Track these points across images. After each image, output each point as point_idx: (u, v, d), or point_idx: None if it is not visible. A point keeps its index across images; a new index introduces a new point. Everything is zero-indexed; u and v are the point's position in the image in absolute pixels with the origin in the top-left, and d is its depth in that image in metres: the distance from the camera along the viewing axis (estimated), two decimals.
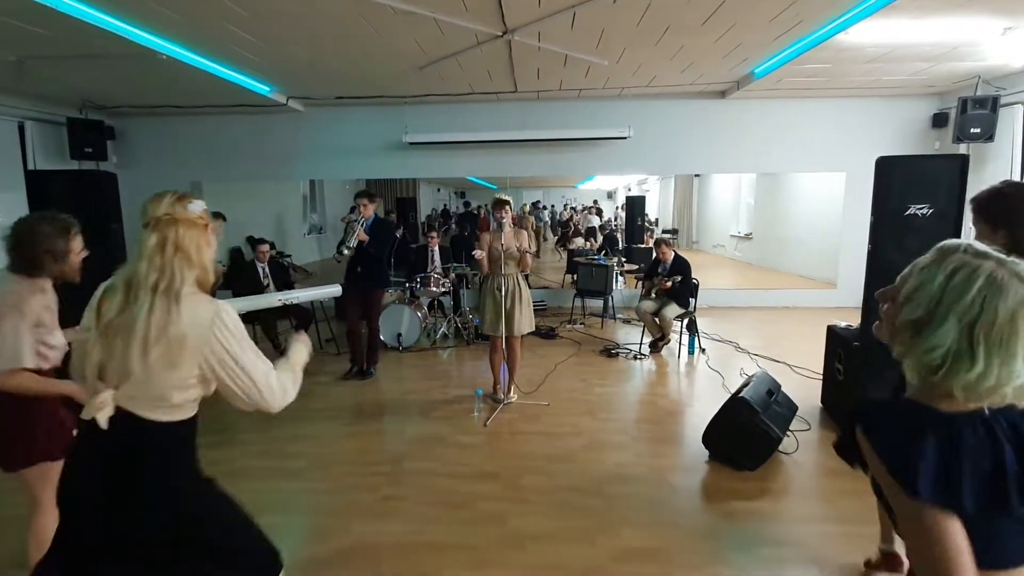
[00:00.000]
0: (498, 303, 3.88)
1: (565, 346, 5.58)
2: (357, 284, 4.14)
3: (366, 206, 3.99)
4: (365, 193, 4.03)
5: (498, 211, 3.77)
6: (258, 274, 5.24)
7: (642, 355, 5.16)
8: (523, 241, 3.80)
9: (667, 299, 5.14)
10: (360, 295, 4.19)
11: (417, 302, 5.61)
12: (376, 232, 4.09)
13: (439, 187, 16.64)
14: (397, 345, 5.38)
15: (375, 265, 4.17)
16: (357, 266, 4.13)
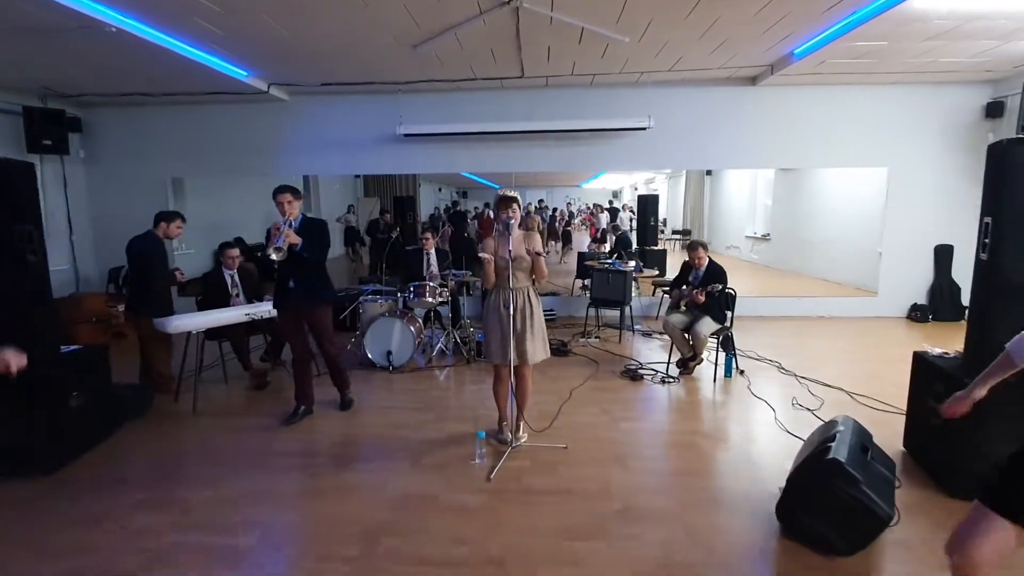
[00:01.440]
0: (505, 324, 3.20)
1: (580, 365, 5.00)
2: (294, 301, 3.52)
3: (290, 202, 3.40)
4: (286, 188, 3.43)
5: (504, 210, 3.14)
6: (225, 283, 4.62)
7: (671, 378, 4.61)
8: (534, 244, 3.20)
9: (699, 312, 4.60)
10: (299, 315, 3.58)
11: (411, 315, 5.03)
12: (308, 233, 3.47)
13: (440, 186, 15.94)
14: (387, 365, 4.79)
15: (314, 275, 3.55)
16: (289, 278, 3.50)
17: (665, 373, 4.72)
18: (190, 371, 4.39)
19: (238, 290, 4.69)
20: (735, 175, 10.52)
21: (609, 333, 6.16)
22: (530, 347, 3.23)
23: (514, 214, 3.16)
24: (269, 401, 4.21)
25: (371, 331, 4.85)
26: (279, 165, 7.04)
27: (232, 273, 4.69)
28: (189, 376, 4.32)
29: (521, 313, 3.22)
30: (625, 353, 5.40)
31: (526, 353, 3.23)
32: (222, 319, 4.17)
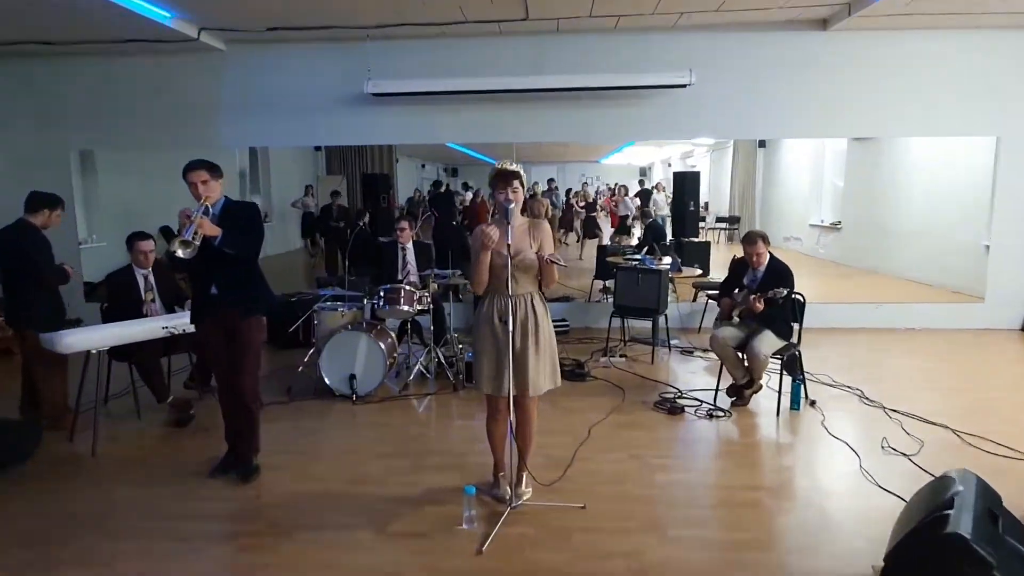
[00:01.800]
0: (502, 343, 3.04)
1: (601, 393, 4.95)
2: (216, 312, 3.39)
3: (205, 182, 3.26)
4: (200, 164, 3.30)
5: (503, 188, 3.00)
6: (136, 286, 4.52)
7: (721, 411, 4.52)
8: (543, 241, 3.06)
9: (757, 325, 4.46)
10: (224, 330, 3.42)
11: (380, 327, 4.98)
12: (232, 221, 3.31)
13: (423, 162, 15.84)
14: (349, 393, 4.73)
15: (242, 276, 3.39)
16: (210, 282, 3.36)
17: (712, 404, 4.64)
18: (91, 402, 4.21)
19: (153, 295, 4.56)
20: (796, 147, 10.34)
21: (638, 350, 6.11)
22: (535, 373, 3.07)
23: (515, 194, 3.02)
24: (193, 443, 4.11)
25: (329, 349, 4.75)
26: (216, 135, 6.93)
27: (146, 273, 4.57)
28: (89, 408, 4.17)
29: (523, 327, 3.07)
30: (660, 377, 5.35)
31: (529, 381, 3.07)
32: (131, 334, 4.04)
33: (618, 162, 15.56)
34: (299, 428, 4.29)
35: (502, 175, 3.03)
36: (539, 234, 3.09)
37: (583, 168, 16.66)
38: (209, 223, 3.19)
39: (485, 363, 3.10)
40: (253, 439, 3.62)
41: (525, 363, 3.06)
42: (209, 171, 3.32)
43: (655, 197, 11.15)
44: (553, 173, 14.44)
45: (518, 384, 3.08)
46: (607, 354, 5.87)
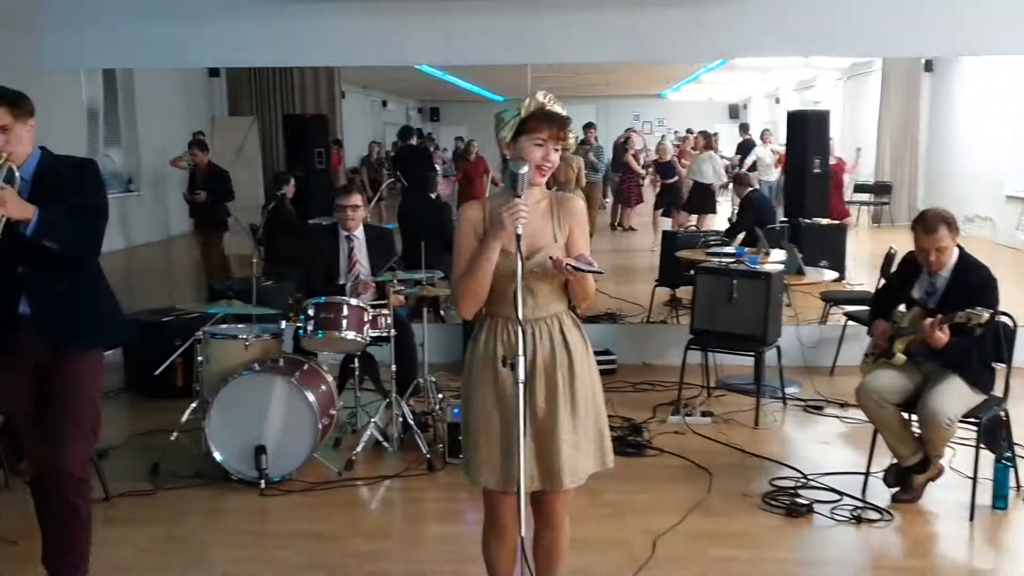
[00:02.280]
0: (509, 404, 2.90)
1: (672, 478, 4.94)
2: (25, 343, 3.41)
3: (6, 129, 3.25)
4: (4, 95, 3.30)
5: (539, 141, 2.95)
6: None
7: (876, 513, 4.43)
8: (574, 229, 3.04)
9: (937, 366, 4.44)
10: (34, 371, 3.46)
11: (309, 367, 5.11)
12: (53, 191, 3.36)
13: (384, 98, 15.89)
14: (255, 476, 4.76)
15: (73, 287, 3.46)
16: (16, 296, 3.39)
17: (861, 500, 4.53)
18: None
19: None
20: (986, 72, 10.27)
21: (733, 404, 6.08)
22: (571, 450, 2.98)
23: (551, 156, 2.97)
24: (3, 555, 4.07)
25: (222, 403, 4.79)
26: (39, 50, 6.86)
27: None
28: None
29: (547, 373, 2.99)
30: (770, 452, 5.29)
31: (563, 465, 2.97)
32: None
33: (693, 96, 15.47)
34: (168, 538, 4.22)
35: (546, 118, 2.93)
36: (568, 217, 3.01)
37: (638, 106, 16.58)
38: (15, 197, 3.15)
39: (483, 439, 3.00)
40: (79, 557, 3.56)
41: (554, 437, 2.97)
42: (11, 108, 3.26)
43: (757, 153, 11.08)
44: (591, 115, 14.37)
45: (543, 472, 2.99)
46: (681, 410, 5.81)
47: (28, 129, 3.28)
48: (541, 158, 2.88)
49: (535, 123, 2.90)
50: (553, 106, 2.95)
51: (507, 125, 2.93)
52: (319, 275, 5.60)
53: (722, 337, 5.79)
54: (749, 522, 4.32)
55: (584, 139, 12.08)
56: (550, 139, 2.91)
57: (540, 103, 2.94)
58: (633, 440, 5.28)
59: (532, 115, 2.91)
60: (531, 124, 2.90)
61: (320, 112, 10.66)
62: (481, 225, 2.95)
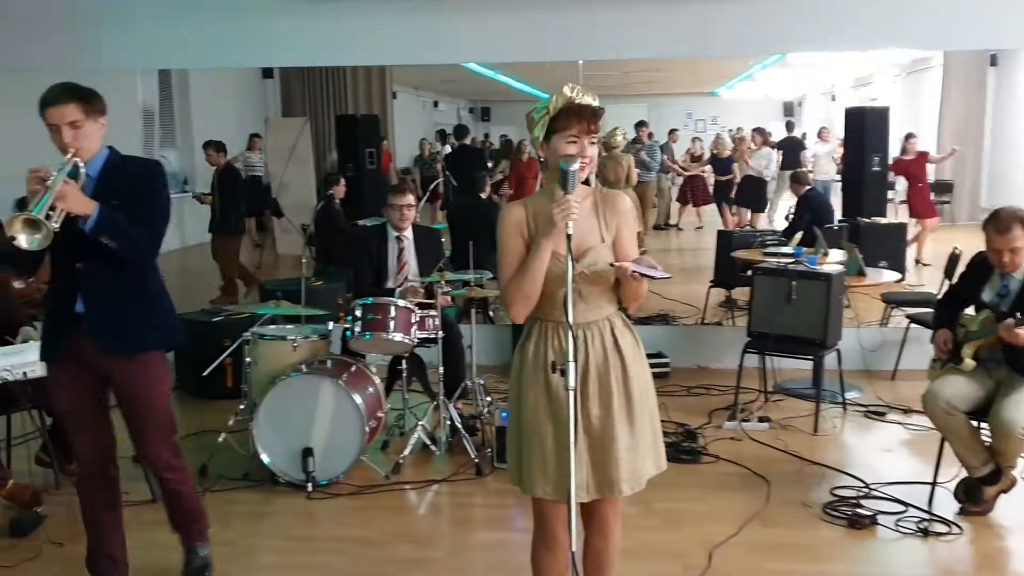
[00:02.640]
0: (559, 408, 2.85)
1: (728, 486, 4.87)
2: (81, 344, 3.48)
3: (75, 124, 3.31)
4: (68, 93, 3.34)
5: (572, 136, 2.87)
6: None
7: (945, 525, 4.36)
8: (621, 228, 2.96)
9: (1010, 372, 4.36)
10: (92, 374, 3.54)
11: (356, 368, 5.07)
12: (117, 191, 3.42)
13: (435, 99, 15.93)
14: (302, 479, 4.76)
15: (128, 288, 3.53)
16: (73, 295, 3.46)
17: (927, 511, 4.44)
18: None
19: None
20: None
21: (791, 409, 6.02)
22: (629, 455, 2.92)
23: (592, 151, 2.86)
24: (36, 565, 4.04)
25: (270, 405, 4.78)
26: (96, 50, 6.97)
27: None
28: None
29: (601, 379, 2.93)
30: (830, 460, 5.20)
31: (621, 472, 2.92)
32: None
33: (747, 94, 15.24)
34: (215, 542, 4.11)
35: (575, 112, 2.85)
36: (614, 216, 2.94)
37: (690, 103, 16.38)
38: (77, 193, 3.18)
39: (535, 447, 2.94)
40: (193, 517, 3.81)
41: (611, 444, 2.92)
42: (83, 105, 3.30)
43: (815, 150, 10.90)
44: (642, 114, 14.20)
45: (598, 481, 2.93)
46: (737, 416, 5.73)
47: (99, 127, 3.35)
48: (577, 154, 2.81)
49: (565, 119, 2.84)
50: (582, 98, 2.87)
51: (537, 124, 2.89)
52: (367, 276, 5.59)
53: (780, 340, 5.71)
54: (809, 533, 4.23)
55: (635, 137, 11.95)
56: (583, 133, 2.84)
57: (568, 98, 2.86)
58: (688, 446, 5.21)
59: (561, 111, 2.85)
60: (561, 121, 2.84)
61: (371, 112, 10.70)
62: (525, 226, 2.91)
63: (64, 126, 3.24)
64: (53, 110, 3.25)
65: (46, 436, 4.78)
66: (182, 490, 3.71)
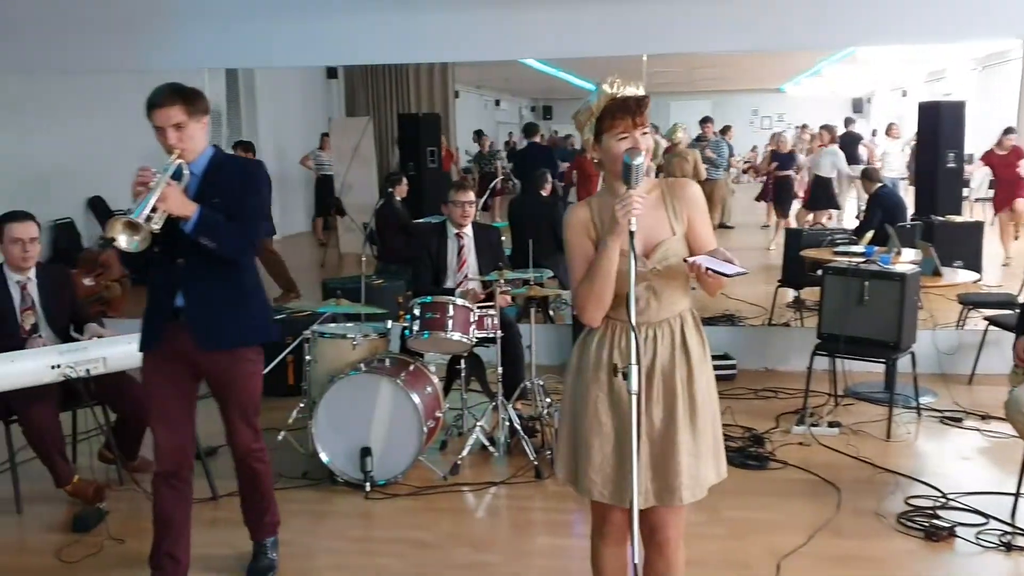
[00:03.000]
0: (621, 410, 2.79)
1: (796, 493, 4.75)
2: (178, 338, 3.58)
3: (180, 126, 3.41)
4: (172, 95, 3.43)
5: (621, 131, 2.76)
6: (9, 301, 4.67)
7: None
8: (692, 217, 2.86)
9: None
10: (188, 367, 3.66)
11: (415, 367, 5.05)
12: (221, 190, 3.53)
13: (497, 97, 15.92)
14: (360, 479, 4.76)
15: (228, 285, 3.63)
16: (174, 289, 3.57)
17: (1011, 524, 4.27)
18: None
19: (35, 316, 4.68)
20: None
21: (863, 414, 5.89)
22: (690, 460, 2.83)
23: (641, 143, 2.75)
24: (97, 561, 4.05)
25: (328, 404, 4.78)
26: (164, 50, 7.05)
27: (23, 280, 4.70)
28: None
29: (666, 378, 2.85)
30: (905, 467, 5.07)
31: (682, 479, 2.82)
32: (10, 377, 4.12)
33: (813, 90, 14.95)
34: None
35: (618, 108, 2.75)
36: (684, 205, 2.83)
37: (755, 100, 16.13)
38: (178, 194, 3.28)
39: (595, 449, 2.87)
40: (265, 512, 3.92)
41: (672, 449, 2.82)
42: (186, 106, 3.39)
43: (884, 148, 10.63)
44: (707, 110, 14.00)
45: (658, 487, 2.85)
46: (806, 420, 5.60)
47: (202, 127, 3.44)
48: (632, 146, 2.70)
49: (610, 119, 2.75)
50: (622, 91, 2.78)
51: (585, 127, 2.82)
52: (426, 275, 5.58)
53: (852, 342, 5.59)
54: (883, 545, 4.09)
55: (700, 134, 11.77)
56: (630, 128, 2.74)
57: (609, 95, 2.77)
58: (755, 452, 5.08)
59: (605, 110, 2.78)
60: (607, 121, 2.76)
61: (433, 111, 10.70)
62: (591, 226, 2.85)
63: (169, 128, 3.34)
64: (158, 112, 3.35)
65: (109, 433, 4.81)
66: (260, 470, 3.82)
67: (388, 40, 6.91)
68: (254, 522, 3.92)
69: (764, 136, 13.45)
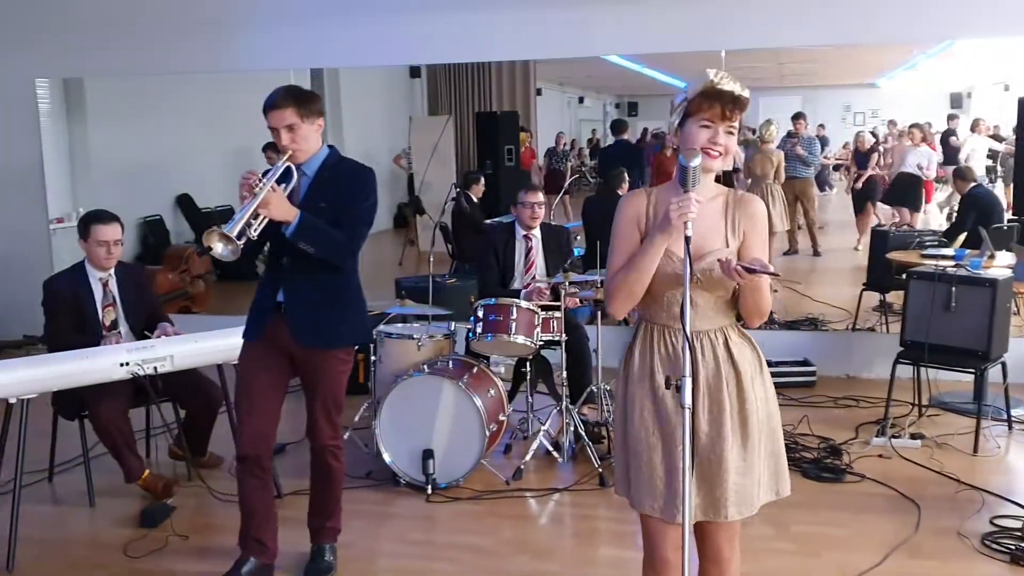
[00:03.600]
0: (669, 422, 2.74)
1: (874, 508, 4.55)
2: (276, 332, 3.71)
3: (292, 128, 3.49)
4: (284, 97, 3.51)
5: (707, 121, 2.66)
6: (85, 299, 4.72)
7: None
8: (749, 236, 2.75)
9: None
10: (283, 360, 3.79)
11: (479, 370, 5.00)
12: (329, 193, 3.64)
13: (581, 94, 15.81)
14: (422, 481, 4.76)
15: (330, 286, 3.74)
16: (276, 284, 3.73)
17: None
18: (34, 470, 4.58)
19: (115, 313, 4.75)
20: None
21: (949, 426, 5.70)
22: (739, 478, 2.73)
23: (727, 144, 2.66)
24: (161, 556, 4.11)
25: (392, 404, 4.81)
26: (250, 51, 7.21)
27: (105, 276, 4.75)
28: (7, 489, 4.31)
29: (711, 391, 2.74)
30: (991, 482, 4.84)
31: (729, 496, 2.73)
32: (64, 374, 4.18)
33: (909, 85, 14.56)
34: None
35: (714, 96, 2.63)
36: (744, 220, 2.70)
37: (848, 96, 15.74)
38: (280, 200, 3.38)
39: (644, 460, 2.78)
40: (328, 516, 3.95)
41: (720, 465, 2.71)
42: (298, 108, 3.47)
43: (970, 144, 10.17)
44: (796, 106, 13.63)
45: (706, 502, 2.77)
46: (886, 431, 5.38)
47: (316, 128, 3.51)
48: (708, 140, 2.58)
49: (700, 101, 2.61)
50: (725, 84, 2.65)
51: (676, 109, 2.68)
52: (492, 276, 5.55)
53: (937, 350, 5.38)
54: (964, 567, 3.87)
55: (792, 131, 11.47)
56: (717, 119, 2.61)
57: (710, 81, 2.63)
58: (831, 463, 4.88)
59: (700, 93, 2.62)
60: (696, 103, 2.63)
61: (509, 110, 10.65)
62: (644, 216, 2.75)
63: (282, 129, 3.43)
64: (272, 114, 3.44)
65: (180, 429, 4.91)
66: (334, 467, 3.87)
67: (470, 39, 6.93)
68: (317, 524, 3.95)
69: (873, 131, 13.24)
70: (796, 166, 10.33)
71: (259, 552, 3.81)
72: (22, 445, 4.14)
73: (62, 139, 8.07)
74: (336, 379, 3.80)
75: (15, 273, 4.87)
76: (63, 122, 8.09)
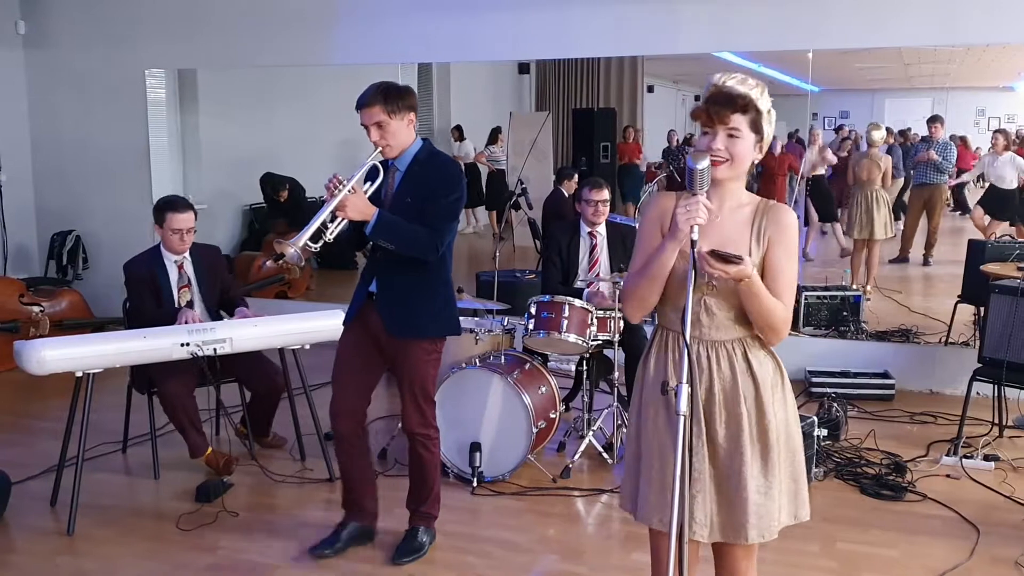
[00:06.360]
0: (669, 433, 2.65)
1: (932, 530, 4.34)
2: (369, 319, 3.88)
3: (380, 125, 3.59)
4: (372, 95, 3.60)
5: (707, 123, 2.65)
6: (161, 280, 4.86)
7: None
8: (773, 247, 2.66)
9: None
10: (375, 347, 3.94)
11: (530, 367, 4.97)
12: (415, 188, 3.74)
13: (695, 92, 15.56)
14: (469, 474, 4.78)
15: (420, 281, 3.83)
16: (371, 275, 3.89)
17: None
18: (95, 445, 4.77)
19: (191, 294, 4.85)
20: None
21: None
22: (757, 499, 2.63)
23: (733, 143, 2.57)
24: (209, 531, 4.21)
25: (444, 396, 4.78)
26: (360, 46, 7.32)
27: (180, 260, 4.85)
28: (72, 461, 4.39)
29: (729, 405, 2.65)
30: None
31: (749, 516, 2.63)
32: (127, 351, 4.29)
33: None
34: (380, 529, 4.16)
35: (709, 99, 2.55)
36: (772, 230, 2.59)
37: (981, 99, 15.14)
38: (358, 201, 3.46)
39: (655, 469, 2.71)
40: (422, 502, 4.02)
41: (740, 482, 2.63)
42: (385, 105, 3.53)
43: None
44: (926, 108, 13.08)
45: (725, 522, 2.68)
46: (958, 450, 5.11)
47: (406, 123, 3.58)
48: (706, 146, 2.50)
49: (696, 108, 2.56)
50: (728, 85, 2.56)
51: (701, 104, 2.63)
52: (555, 272, 5.51)
53: (1017, 369, 5.02)
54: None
55: (926, 135, 10.97)
56: (711, 123, 2.53)
57: (712, 85, 2.56)
58: (892, 480, 4.67)
59: (708, 98, 2.56)
60: (695, 111, 2.58)
61: (620, 106, 10.53)
62: (669, 219, 2.62)
63: (371, 126, 3.53)
64: (363, 111, 3.54)
65: (245, 410, 5.03)
66: (425, 456, 3.94)
67: (581, 35, 6.91)
68: (412, 507, 4.05)
69: None
70: (928, 172, 9.81)
71: (359, 516, 3.99)
72: (86, 416, 4.25)
73: (175, 128, 8.32)
74: (422, 369, 3.85)
75: (121, 254, 5.05)
76: (176, 111, 8.35)
